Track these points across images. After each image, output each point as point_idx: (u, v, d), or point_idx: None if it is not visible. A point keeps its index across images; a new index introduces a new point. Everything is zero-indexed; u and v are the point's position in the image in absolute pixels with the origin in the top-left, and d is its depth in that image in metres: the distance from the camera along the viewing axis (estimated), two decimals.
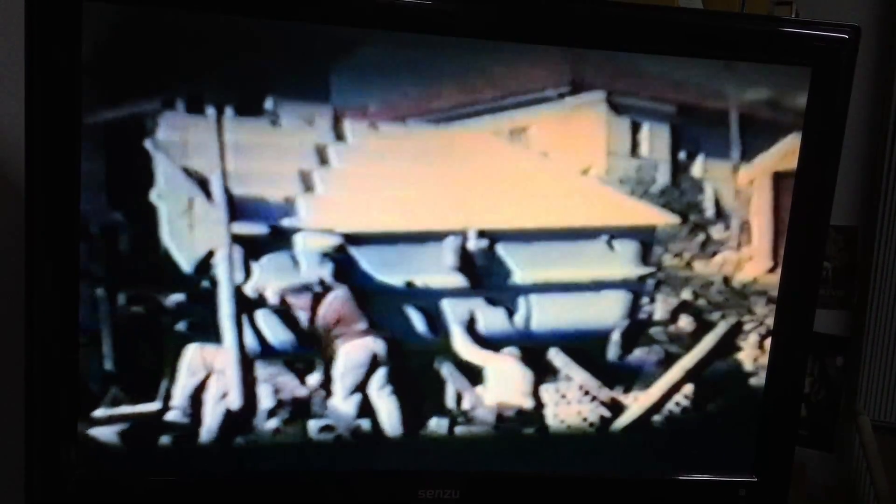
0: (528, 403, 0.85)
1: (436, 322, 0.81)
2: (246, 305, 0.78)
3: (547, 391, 0.85)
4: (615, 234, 0.82)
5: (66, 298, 0.75)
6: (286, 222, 0.77)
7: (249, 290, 0.77)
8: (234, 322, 0.78)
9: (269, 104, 0.74)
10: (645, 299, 0.84)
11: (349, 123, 0.76)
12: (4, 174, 0.95)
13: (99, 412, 0.77)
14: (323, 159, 0.76)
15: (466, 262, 0.81)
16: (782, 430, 0.91)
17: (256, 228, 0.76)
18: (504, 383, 0.84)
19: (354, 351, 0.81)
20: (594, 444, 0.87)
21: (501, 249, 0.81)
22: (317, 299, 0.79)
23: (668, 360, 0.86)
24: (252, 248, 0.77)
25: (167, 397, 0.78)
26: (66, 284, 0.75)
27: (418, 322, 0.81)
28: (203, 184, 0.75)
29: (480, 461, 0.86)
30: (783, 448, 0.92)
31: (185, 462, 0.80)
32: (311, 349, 0.80)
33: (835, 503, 1.46)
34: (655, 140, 0.81)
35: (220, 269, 0.77)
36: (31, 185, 0.73)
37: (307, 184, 0.77)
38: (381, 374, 0.82)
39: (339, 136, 0.76)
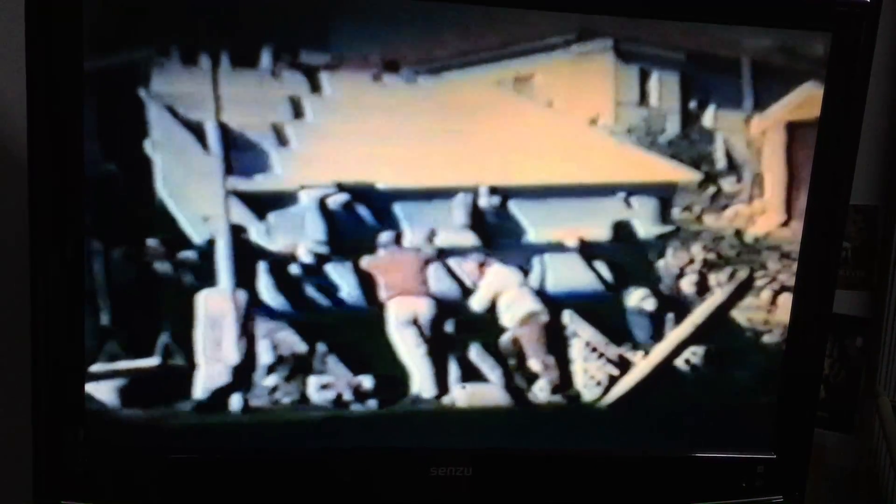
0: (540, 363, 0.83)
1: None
2: (245, 259, 0.76)
3: (558, 350, 0.83)
4: (631, 190, 0.80)
5: (72, 257, 0.74)
6: (287, 177, 0.75)
7: (248, 243, 0.76)
8: (232, 276, 0.76)
9: (265, 54, 0.73)
10: (655, 255, 0.82)
11: (349, 74, 0.74)
12: (3, 126, 0.94)
13: (96, 367, 0.76)
14: (323, 112, 0.74)
15: (478, 219, 0.78)
16: (802, 405, 0.89)
17: (254, 183, 0.75)
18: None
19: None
20: (607, 417, 0.85)
21: (514, 207, 0.79)
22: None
23: (679, 316, 0.84)
24: (251, 203, 0.75)
25: (165, 353, 0.77)
26: (71, 245, 0.74)
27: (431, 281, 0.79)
28: (199, 134, 0.73)
29: (493, 438, 0.85)
30: (803, 424, 0.90)
31: (189, 436, 0.79)
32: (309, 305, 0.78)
33: (854, 484, 1.44)
34: (665, 89, 0.78)
35: (219, 221, 0.75)
36: (33, 136, 0.72)
37: (309, 138, 0.75)
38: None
39: (339, 87, 0.74)
